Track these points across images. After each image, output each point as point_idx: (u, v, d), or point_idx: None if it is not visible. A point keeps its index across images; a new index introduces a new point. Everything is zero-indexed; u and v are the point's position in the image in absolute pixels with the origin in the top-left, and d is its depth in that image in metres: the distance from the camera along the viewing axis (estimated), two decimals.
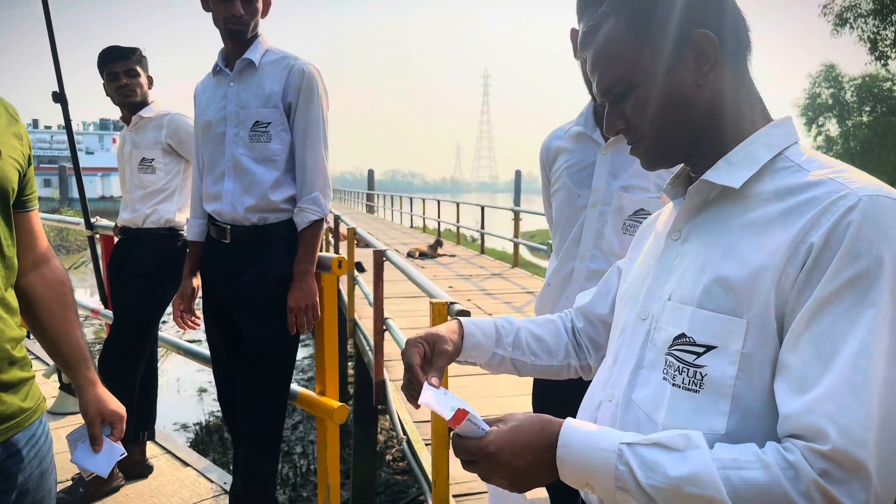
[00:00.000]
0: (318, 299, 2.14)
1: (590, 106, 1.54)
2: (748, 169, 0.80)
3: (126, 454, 1.31)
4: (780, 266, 0.71)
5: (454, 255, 12.14)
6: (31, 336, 1.47)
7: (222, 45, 2.18)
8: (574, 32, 1.31)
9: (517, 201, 12.96)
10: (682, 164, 0.91)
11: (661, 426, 0.78)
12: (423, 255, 11.68)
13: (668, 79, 0.81)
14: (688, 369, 0.77)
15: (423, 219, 19.27)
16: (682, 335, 0.78)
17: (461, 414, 0.79)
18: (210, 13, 2.11)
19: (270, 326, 2.15)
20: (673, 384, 0.79)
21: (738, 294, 0.74)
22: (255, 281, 2.12)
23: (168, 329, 8.84)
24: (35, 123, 60.58)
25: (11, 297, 1.15)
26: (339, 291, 6.27)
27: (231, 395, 2.27)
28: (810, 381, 0.67)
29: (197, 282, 2.35)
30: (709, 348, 0.75)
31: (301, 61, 2.11)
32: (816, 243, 0.70)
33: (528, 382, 4.21)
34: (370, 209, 28.51)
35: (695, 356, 0.77)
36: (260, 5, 2.09)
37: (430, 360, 0.97)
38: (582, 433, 0.75)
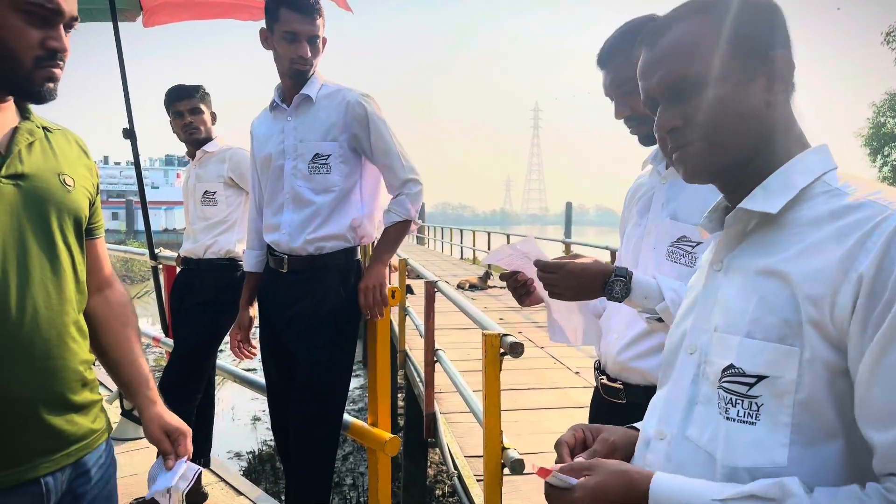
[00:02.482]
0: (386, 283, 2.23)
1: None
2: (785, 195, 0.80)
3: (202, 469, 1.31)
4: (831, 295, 0.71)
5: (504, 286, 12.05)
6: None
7: (278, 81, 2.24)
8: None
9: (568, 233, 12.82)
10: (721, 197, 0.92)
11: (720, 463, 0.76)
12: (472, 287, 11.63)
13: (739, 90, 0.81)
14: (742, 401, 0.76)
15: (474, 251, 19.29)
16: (731, 366, 0.78)
17: (544, 471, 0.83)
18: (271, 51, 2.16)
19: (324, 355, 2.17)
20: (727, 417, 0.77)
21: (788, 322, 0.73)
22: (311, 310, 2.15)
23: (224, 357, 9.04)
24: (106, 160, 63.83)
25: (83, 320, 1.19)
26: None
27: (284, 425, 2.29)
28: (885, 414, 0.67)
29: (254, 311, 2.41)
30: (760, 378, 0.75)
31: (355, 92, 2.18)
32: (867, 273, 0.69)
33: (577, 419, 4.11)
34: (420, 241, 28.74)
35: (747, 387, 0.76)
36: (321, 45, 2.15)
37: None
38: (671, 491, 0.75)
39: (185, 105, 2.88)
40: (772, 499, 0.69)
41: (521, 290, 1.50)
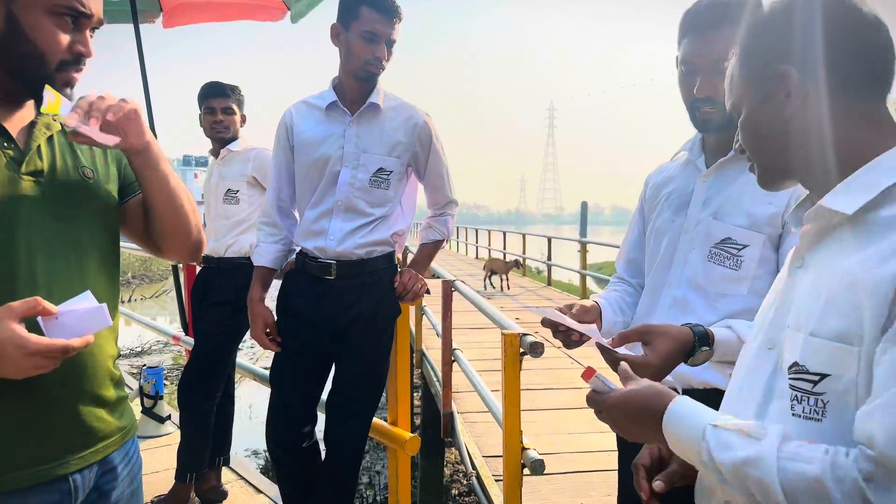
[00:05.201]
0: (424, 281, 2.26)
1: (698, 134, 1.53)
2: (865, 194, 0.78)
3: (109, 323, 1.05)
4: (888, 297, 0.69)
5: (518, 284, 12.05)
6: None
7: (334, 77, 2.18)
8: None
9: (583, 233, 12.76)
10: (809, 191, 0.91)
11: None
12: (493, 273, 11.88)
13: (760, 109, 0.87)
14: (808, 398, 0.77)
15: (489, 250, 19.27)
16: (795, 363, 0.78)
17: (590, 371, 0.96)
18: (339, 48, 2.09)
19: (380, 357, 2.18)
20: (793, 414, 0.78)
21: (851, 323, 0.73)
22: (370, 313, 2.13)
23: (242, 355, 9.07)
24: None
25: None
26: None
27: (294, 435, 2.21)
28: (877, 392, 0.68)
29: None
30: (823, 376, 0.75)
31: (420, 113, 2.18)
32: None
33: (597, 420, 4.06)
34: None
35: (811, 384, 0.77)
36: (392, 51, 2.11)
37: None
38: (685, 410, 0.83)
39: (218, 103, 2.90)
40: (752, 435, 0.74)
41: (569, 339, 1.32)
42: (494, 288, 11.69)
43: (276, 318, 2.23)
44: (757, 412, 0.84)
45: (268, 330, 2.19)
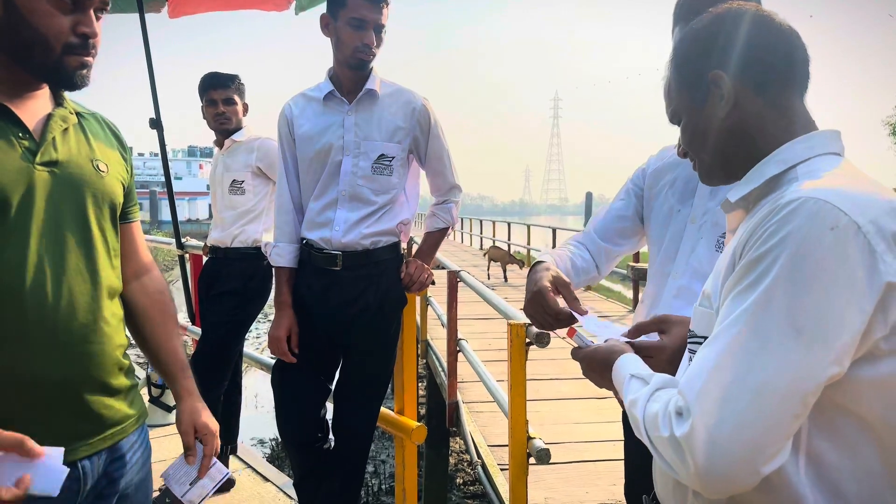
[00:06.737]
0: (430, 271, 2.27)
1: None
2: (752, 184, 0.88)
3: (229, 473, 1.28)
4: (733, 264, 0.82)
5: (522, 277, 12.03)
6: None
7: (329, 68, 2.16)
8: None
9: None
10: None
11: None
12: (493, 261, 11.82)
13: (699, 113, 0.94)
14: (692, 357, 0.91)
15: (494, 241, 19.25)
16: (691, 331, 0.94)
17: (572, 331, 1.15)
18: (330, 38, 2.09)
19: (389, 347, 2.18)
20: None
21: (712, 290, 0.88)
22: (377, 304, 2.13)
23: (248, 345, 9.08)
24: (129, 151, 64.50)
25: (118, 305, 1.20)
26: None
27: (308, 428, 2.21)
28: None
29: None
30: (704, 338, 0.85)
31: (418, 97, 2.16)
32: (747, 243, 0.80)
33: (603, 409, 4.07)
34: None
35: (698, 346, 0.87)
36: (384, 36, 2.10)
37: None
38: (622, 364, 0.97)
39: (219, 94, 2.90)
40: (644, 380, 0.90)
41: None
42: (500, 279, 11.67)
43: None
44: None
45: (294, 340, 2.15)
